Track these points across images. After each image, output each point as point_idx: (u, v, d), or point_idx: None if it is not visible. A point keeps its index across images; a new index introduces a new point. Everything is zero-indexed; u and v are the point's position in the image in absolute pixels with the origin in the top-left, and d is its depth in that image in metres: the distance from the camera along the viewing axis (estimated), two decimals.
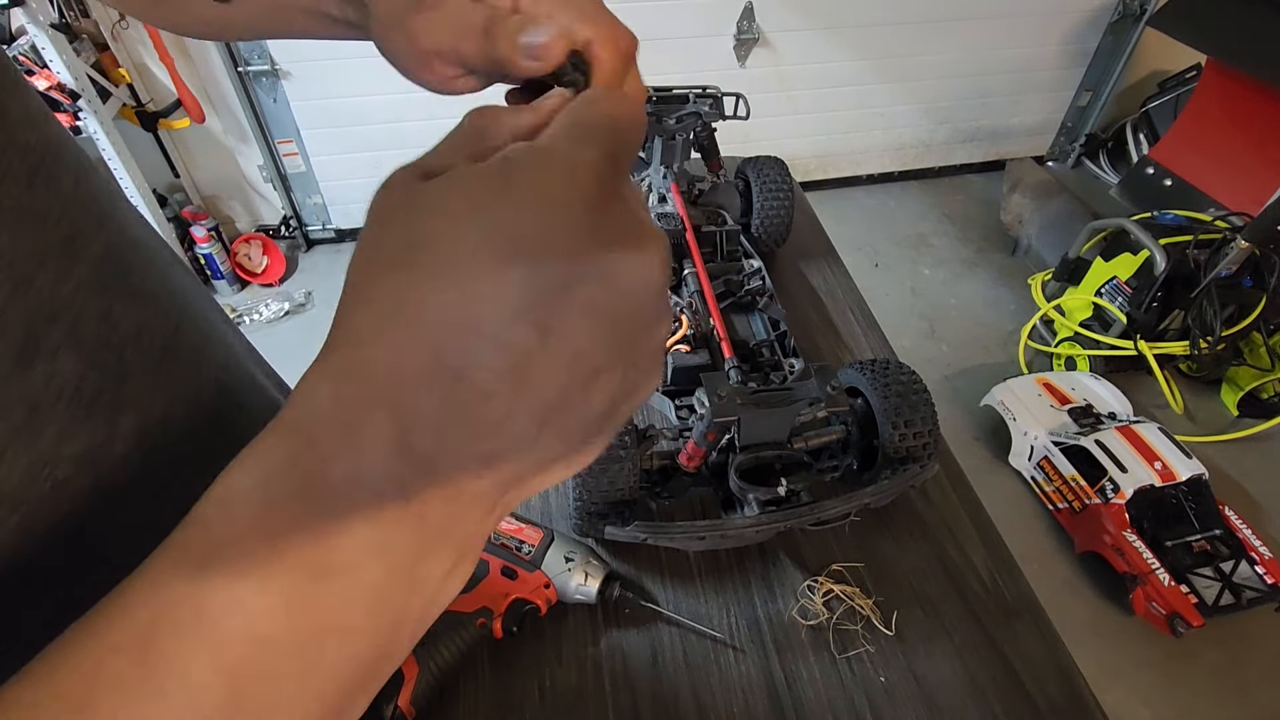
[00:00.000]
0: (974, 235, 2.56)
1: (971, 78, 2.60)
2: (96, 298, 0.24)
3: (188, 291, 0.31)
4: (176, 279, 0.31)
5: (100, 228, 0.25)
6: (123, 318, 0.25)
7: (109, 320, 0.25)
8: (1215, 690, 1.38)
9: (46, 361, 0.22)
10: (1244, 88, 2.14)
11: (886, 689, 0.54)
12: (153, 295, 0.28)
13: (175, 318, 0.29)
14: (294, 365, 0.80)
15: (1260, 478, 1.74)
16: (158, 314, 0.28)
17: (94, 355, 0.24)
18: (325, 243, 2.48)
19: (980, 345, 2.12)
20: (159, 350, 0.27)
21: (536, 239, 0.16)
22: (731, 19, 2.23)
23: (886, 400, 0.58)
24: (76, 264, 0.24)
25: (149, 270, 0.28)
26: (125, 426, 0.25)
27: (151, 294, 0.28)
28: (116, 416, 0.25)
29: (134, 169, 1.91)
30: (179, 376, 0.28)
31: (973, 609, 0.59)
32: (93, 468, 0.24)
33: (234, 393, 0.32)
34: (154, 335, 0.27)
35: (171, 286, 0.30)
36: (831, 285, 0.91)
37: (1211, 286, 1.67)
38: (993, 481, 1.73)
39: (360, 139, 2.22)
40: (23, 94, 0.25)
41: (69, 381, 0.23)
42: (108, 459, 0.24)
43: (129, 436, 0.25)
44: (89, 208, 0.25)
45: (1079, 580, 1.54)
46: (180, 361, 0.29)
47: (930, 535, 0.64)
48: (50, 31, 1.63)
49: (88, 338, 0.24)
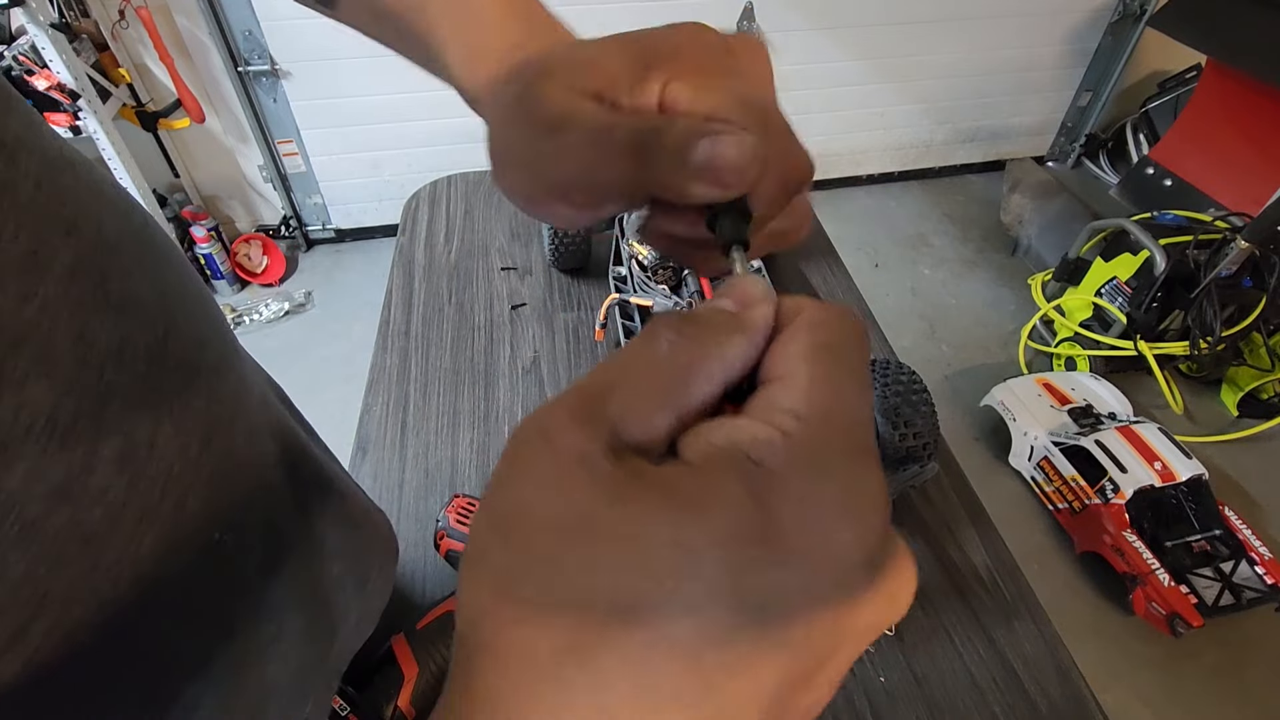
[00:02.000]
0: (974, 235, 2.56)
1: (971, 78, 2.60)
2: (68, 316, 0.21)
3: (181, 290, 0.28)
4: (169, 278, 0.28)
5: (70, 235, 0.22)
6: (100, 334, 0.23)
7: (84, 339, 0.22)
8: (1215, 690, 1.38)
9: (12, 392, 0.20)
10: (1244, 88, 2.13)
11: (886, 689, 0.54)
12: (136, 303, 0.25)
13: (164, 324, 0.26)
14: (294, 365, 0.80)
15: (1260, 478, 1.74)
16: (143, 323, 0.25)
17: (69, 380, 0.21)
18: (325, 243, 2.48)
19: (980, 345, 2.12)
20: (144, 363, 0.24)
21: (807, 622, 0.12)
22: (731, 19, 2.23)
23: (887, 400, 0.58)
24: (41, 281, 0.21)
25: (133, 274, 0.25)
26: (106, 453, 0.22)
27: (135, 301, 0.25)
28: (97, 444, 0.22)
29: (134, 169, 1.91)
30: (167, 391, 0.25)
31: (973, 609, 0.59)
32: (68, 503, 0.21)
33: (228, 402, 0.29)
34: (138, 347, 0.24)
35: (162, 288, 0.27)
36: (831, 285, 0.91)
37: (1211, 287, 1.67)
38: (993, 481, 1.73)
39: (360, 139, 2.21)
40: None
41: (40, 412, 0.20)
42: (85, 492, 0.22)
43: (109, 464, 0.22)
44: (56, 214, 0.22)
45: (1079, 580, 1.54)
46: (168, 373, 0.26)
47: (930, 535, 0.64)
48: (50, 31, 1.63)
49: (60, 361, 0.21)
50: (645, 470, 0.13)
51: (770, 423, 0.14)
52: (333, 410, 0.84)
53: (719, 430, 0.14)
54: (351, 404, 0.76)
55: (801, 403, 0.14)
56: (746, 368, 0.16)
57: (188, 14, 1.91)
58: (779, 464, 0.13)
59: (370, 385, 0.77)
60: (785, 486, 0.13)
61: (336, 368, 1.93)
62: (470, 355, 0.80)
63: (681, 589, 0.12)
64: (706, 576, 0.12)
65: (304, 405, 0.42)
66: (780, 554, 0.12)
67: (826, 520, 0.13)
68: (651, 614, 0.12)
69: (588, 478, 0.13)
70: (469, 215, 1.00)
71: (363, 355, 0.81)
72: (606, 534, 0.12)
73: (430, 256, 0.94)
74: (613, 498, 0.13)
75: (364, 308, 2.17)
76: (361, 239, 2.48)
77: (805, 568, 0.12)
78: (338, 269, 2.37)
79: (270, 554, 0.31)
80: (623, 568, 0.12)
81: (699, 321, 0.16)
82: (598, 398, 0.14)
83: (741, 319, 0.16)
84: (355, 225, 2.45)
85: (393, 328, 0.83)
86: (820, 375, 0.15)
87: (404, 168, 2.31)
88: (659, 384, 0.15)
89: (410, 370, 0.78)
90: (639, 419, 0.14)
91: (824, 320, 0.16)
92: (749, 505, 0.13)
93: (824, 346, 0.15)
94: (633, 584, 0.12)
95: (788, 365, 0.15)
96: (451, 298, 0.88)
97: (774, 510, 0.13)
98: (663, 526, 0.12)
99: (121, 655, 0.24)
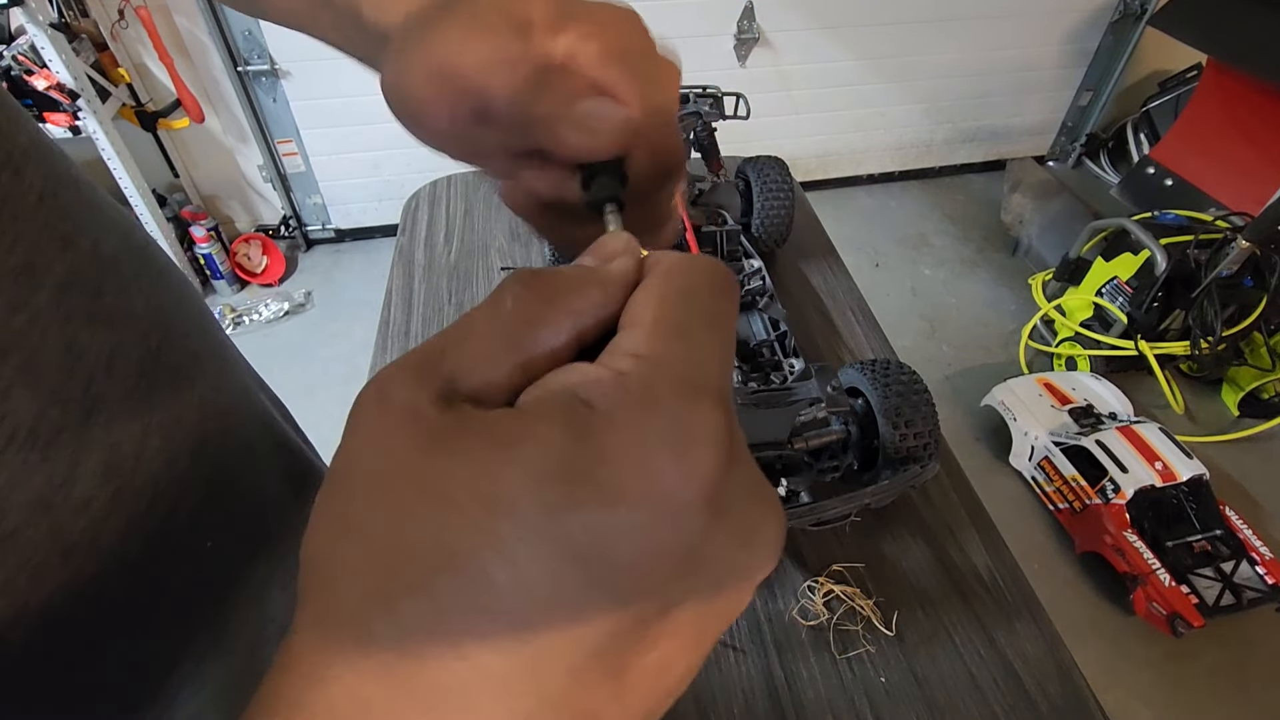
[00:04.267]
0: (974, 235, 2.56)
1: (972, 77, 2.60)
2: (58, 327, 0.22)
3: (178, 305, 0.28)
4: (164, 293, 0.28)
5: (66, 249, 0.23)
6: (90, 345, 0.23)
7: (73, 350, 0.22)
8: (1215, 690, 1.38)
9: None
10: (1244, 88, 2.13)
11: (887, 689, 0.54)
12: (130, 316, 0.25)
13: (158, 338, 0.26)
14: (294, 365, 0.80)
15: (1261, 478, 1.74)
16: (135, 336, 0.25)
17: (55, 390, 0.21)
18: (325, 243, 2.48)
19: (981, 345, 2.12)
20: (134, 376, 0.24)
21: (632, 565, 0.12)
22: (731, 19, 2.23)
23: (887, 400, 0.58)
24: (34, 292, 0.21)
25: (128, 289, 0.25)
26: (89, 465, 0.22)
27: (129, 315, 0.25)
28: (80, 455, 0.22)
29: (133, 169, 1.91)
30: (157, 403, 0.25)
31: (973, 609, 0.59)
32: (47, 515, 0.21)
33: (222, 414, 0.29)
34: (129, 360, 0.24)
35: (158, 301, 0.27)
36: (832, 285, 0.91)
37: (1212, 286, 1.67)
38: (993, 481, 1.73)
39: (360, 139, 2.21)
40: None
41: (23, 422, 0.20)
42: (66, 504, 0.22)
43: (93, 476, 0.22)
44: (53, 227, 0.22)
45: (1079, 580, 1.54)
46: (159, 386, 0.26)
47: (930, 535, 0.64)
48: (49, 31, 1.63)
49: (47, 371, 0.21)
50: (470, 416, 0.13)
51: (609, 365, 0.14)
52: (333, 410, 0.84)
53: (556, 377, 0.14)
54: (351, 404, 0.76)
55: (641, 343, 0.14)
56: (601, 320, 0.15)
57: (187, 14, 1.91)
58: (607, 403, 0.13)
59: None
60: (610, 424, 0.12)
61: (336, 368, 1.93)
62: None
63: (493, 533, 0.11)
64: (520, 519, 0.11)
65: (304, 405, 0.42)
66: (603, 493, 0.12)
67: (650, 455, 0.12)
68: (463, 563, 0.11)
69: (411, 428, 0.12)
70: (469, 215, 1.00)
71: (363, 355, 0.81)
72: (417, 482, 0.12)
73: (430, 256, 0.94)
74: (431, 446, 0.12)
75: (364, 308, 2.17)
76: (361, 239, 2.47)
77: (629, 506, 0.12)
78: (337, 269, 2.37)
79: (267, 557, 0.31)
80: (432, 516, 0.12)
81: (550, 275, 0.15)
82: (437, 352, 0.14)
83: (597, 272, 0.16)
84: (355, 225, 2.45)
85: (393, 328, 0.83)
86: (665, 316, 0.14)
87: (404, 168, 2.31)
88: (499, 336, 0.14)
89: None
90: (475, 370, 0.14)
91: (678, 267, 0.16)
92: (568, 444, 0.12)
93: (676, 291, 0.15)
94: (442, 532, 0.11)
95: (636, 310, 0.15)
96: (451, 298, 0.88)
97: (598, 449, 0.12)
98: (472, 469, 0.12)
99: (107, 662, 0.24)
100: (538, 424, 0.12)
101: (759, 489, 0.14)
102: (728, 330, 0.16)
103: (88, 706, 0.24)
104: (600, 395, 0.13)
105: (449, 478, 0.12)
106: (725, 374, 0.15)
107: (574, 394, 0.13)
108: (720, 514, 0.13)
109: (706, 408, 0.13)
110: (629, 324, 0.15)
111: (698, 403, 0.13)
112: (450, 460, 0.12)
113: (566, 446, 0.12)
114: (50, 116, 1.75)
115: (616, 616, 0.12)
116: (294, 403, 0.42)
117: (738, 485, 0.13)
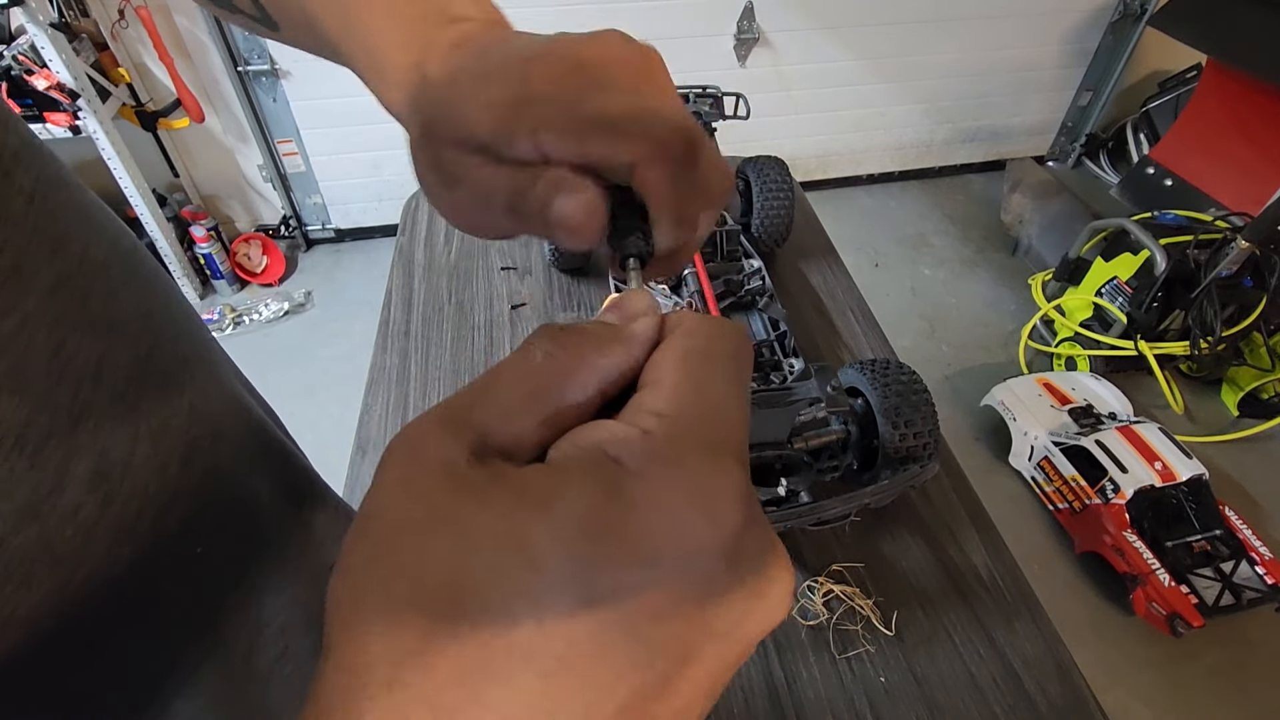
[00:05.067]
0: (974, 235, 2.56)
1: (972, 77, 2.60)
2: (46, 332, 0.21)
3: (167, 310, 0.28)
4: (153, 297, 0.28)
5: (55, 253, 0.22)
6: (79, 351, 0.22)
7: (61, 356, 0.22)
8: (1215, 690, 1.38)
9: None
10: (1244, 88, 2.13)
11: (886, 689, 0.54)
12: (119, 322, 0.25)
13: (147, 344, 0.26)
14: (294, 365, 0.81)
15: (1260, 478, 1.74)
16: (125, 342, 0.25)
17: (42, 396, 0.21)
18: (325, 243, 2.48)
19: (980, 345, 2.12)
20: (123, 382, 0.24)
21: (658, 617, 0.12)
22: (731, 19, 2.23)
23: (886, 400, 0.58)
24: (22, 296, 0.21)
25: (118, 295, 0.25)
26: (78, 472, 0.22)
27: (118, 321, 0.25)
28: (68, 462, 0.22)
29: (133, 169, 1.91)
30: (146, 409, 0.25)
31: (972, 609, 0.59)
32: (35, 523, 0.21)
33: (212, 420, 0.29)
34: (118, 366, 0.24)
35: (147, 307, 0.27)
36: (831, 285, 0.91)
37: (1212, 286, 1.67)
38: (993, 481, 1.73)
39: (360, 139, 2.21)
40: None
41: (10, 428, 0.20)
42: (55, 511, 0.21)
43: (81, 483, 0.22)
44: (44, 231, 0.22)
45: (1079, 580, 1.54)
46: (148, 392, 0.25)
47: (930, 535, 0.64)
48: (50, 31, 1.63)
49: (34, 377, 0.21)
50: (504, 472, 0.13)
51: (633, 423, 0.14)
52: (333, 410, 0.84)
53: (584, 433, 0.15)
54: (351, 404, 0.76)
55: (665, 403, 0.15)
56: (624, 376, 0.16)
57: (187, 14, 1.91)
58: (635, 461, 0.13)
59: (370, 385, 0.77)
60: (639, 481, 0.13)
61: (336, 368, 1.92)
62: (470, 355, 0.80)
63: (522, 585, 0.12)
64: (549, 572, 0.12)
65: (304, 405, 0.42)
66: (630, 548, 0.12)
67: (676, 512, 0.13)
68: (490, 612, 0.12)
69: (445, 480, 0.13)
70: None
71: (363, 355, 0.81)
72: (450, 532, 0.12)
73: (430, 256, 0.94)
74: (464, 498, 0.13)
75: (364, 308, 2.17)
76: (361, 239, 2.47)
77: (654, 561, 0.12)
78: (337, 269, 2.37)
79: (260, 561, 0.31)
80: (462, 566, 0.12)
81: (577, 332, 0.16)
82: (466, 406, 0.15)
83: (620, 330, 0.17)
84: (355, 225, 2.45)
85: (393, 327, 0.83)
86: (686, 377, 0.15)
87: (404, 168, 2.26)
88: (527, 390, 0.15)
89: (410, 370, 0.78)
90: (505, 424, 0.14)
91: (698, 328, 0.17)
92: (599, 500, 0.13)
93: (695, 351, 0.16)
94: (472, 582, 0.12)
95: (658, 370, 0.16)
96: (451, 297, 0.88)
97: (627, 505, 0.13)
98: (505, 522, 0.12)
99: (99, 669, 0.24)
100: (570, 481, 0.13)
101: (771, 543, 0.15)
102: (744, 389, 0.16)
103: (80, 714, 0.24)
104: (629, 454, 0.13)
105: (485, 532, 0.12)
106: (743, 432, 0.15)
107: (603, 451, 0.14)
108: (738, 567, 0.13)
109: (728, 466, 0.14)
110: (651, 382, 0.16)
111: (720, 461, 0.14)
112: (487, 515, 0.12)
113: (599, 503, 0.13)
114: (50, 116, 1.75)
115: (640, 670, 0.12)
116: (294, 403, 0.42)
117: (753, 539, 0.14)
